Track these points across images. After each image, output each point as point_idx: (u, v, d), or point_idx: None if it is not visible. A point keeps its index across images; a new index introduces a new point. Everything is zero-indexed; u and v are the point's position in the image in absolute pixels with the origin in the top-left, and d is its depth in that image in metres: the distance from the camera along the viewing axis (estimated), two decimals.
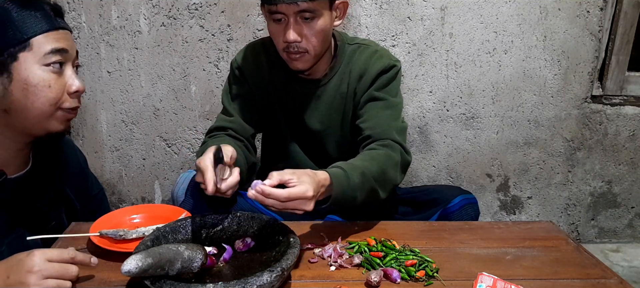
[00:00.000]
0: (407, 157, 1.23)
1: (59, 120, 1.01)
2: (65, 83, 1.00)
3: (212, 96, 1.90)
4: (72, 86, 1.00)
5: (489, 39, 1.87)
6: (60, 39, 0.98)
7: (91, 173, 1.31)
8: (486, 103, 1.95)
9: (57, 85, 0.98)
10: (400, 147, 1.22)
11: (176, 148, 1.97)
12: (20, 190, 1.04)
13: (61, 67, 0.98)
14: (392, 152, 1.18)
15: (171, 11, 1.81)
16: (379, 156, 1.16)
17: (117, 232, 1.01)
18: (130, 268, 0.72)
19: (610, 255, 2.06)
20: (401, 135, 1.24)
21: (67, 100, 1.00)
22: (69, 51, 1.00)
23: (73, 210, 1.18)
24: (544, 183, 2.06)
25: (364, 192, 1.09)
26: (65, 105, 1.00)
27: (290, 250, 0.86)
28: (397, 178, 1.20)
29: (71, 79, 1.00)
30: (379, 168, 1.13)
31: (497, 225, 1.19)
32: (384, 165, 1.15)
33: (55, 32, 0.98)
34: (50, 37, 0.96)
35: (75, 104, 1.02)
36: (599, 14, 1.87)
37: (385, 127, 1.23)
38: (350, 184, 1.04)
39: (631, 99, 1.99)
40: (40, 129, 1.01)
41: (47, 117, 0.99)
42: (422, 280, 0.92)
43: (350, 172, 1.06)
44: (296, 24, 1.16)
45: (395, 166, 1.19)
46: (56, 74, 0.97)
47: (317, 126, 1.35)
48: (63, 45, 0.98)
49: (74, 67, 1.03)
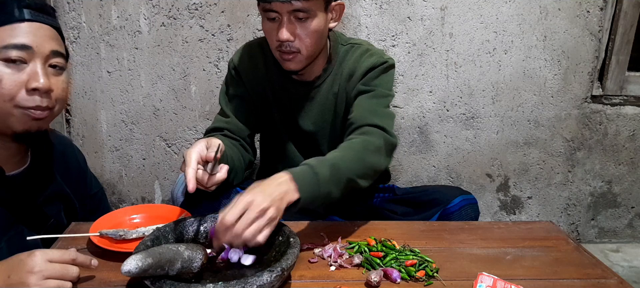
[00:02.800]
0: (392, 139, 1.17)
1: (19, 120, 0.95)
2: (25, 79, 0.93)
3: (212, 96, 1.90)
4: (32, 83, 0.93)
5: (489, 39, 1.87)
6: (24, 33, 0.92)
7: (90, 173, 1.31)
8: (486, 103, 1.95)
9: (10, 81, 0.91)
10: (381, 130, 1.16)
11: (176, 148, 1.97)
12: (18, 187, 1.04)
13: (20, 64, 0.92)
14: (369, 138, 1.13)
15: (171, 11, 1.81)
16: (355, 144, 1.11)
17: (117, 232, 1.01)
18: (130, 268, 0.72)
19: (610, 255, 2.06)
20: (383, 119, 1.18)
21: (24, 98, 0.93)
22: (33, 48, 0.93)
23: (72, 209, 1.17)
24: (544, 183, 2.06)
25: (339, 185, 1.03)
26: (22, 104, 0.94)
27: (290, 250, 0.86)
28: (381, 162, 1.14)
29: (35, 75, 0.93)
30: (355, 157, 1.08)
31: (497, 225, 1.19)
32: (361, 152, 1.10)
33: (17, 25, 0.91)
34: (8, 31, 0.91)
35: (35, 102, 0.94)
36: (599, 14, 1.87)
37: (366, 114, 1.19)
38: (319, 179, 0.98)
39: (631, 99, 1.99)
40: (4, 128, 0.96)
41: (5, 114, 0.94)
42: (422, 280, 0.92)
43: (318, 167, 1.00)
44: (290, 23, 1.16)
45: (376, 151, 1.13)
46: (12, 69, 0.91)
47: (310, 127, 1.35)
48: (24, 41, 0.92)
49: (45, 65, 0.96)
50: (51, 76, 0.97)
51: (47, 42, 0.96)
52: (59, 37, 1.01)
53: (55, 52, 0.97)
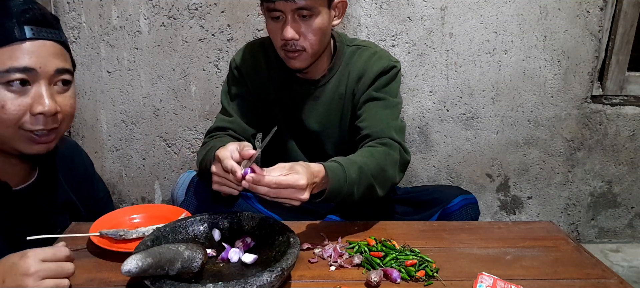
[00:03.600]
0: (406, 156, 1.23)
1: (25, 142, 0.91)
2: (29, 103, 0.88)
3: (212, 96, 1.90)
4: (37, 107, 0.88)
5: (489, 39, 1.87)
6: (26, 53, 0.87)
7: (97, 176, 1.30)
8: (486, 103, 1.95)
9: (14, 105, 0.87)
10: (399, 145, 1.21)
11: (176, 148, 1.97)
12: (25, 201, 1.02)
13: (24, 86, 0.87)
14: (390, 150, 1.18)
15: (171, 11, 1.81)
16: (378, 153, 1.16)
17: (117, 232, 1.01)
18: (130, 268, 0.72)
19: (610, 255, 2.06)
20: (400, 134, 1.24)
21: (29, 122, 0.89)
22: (36, 69, 0.87)
23: (78, 215, 1.17)
24: (544, 183, 2.06)
25: (361, 188, 1.08)
26: (27, 127, 0.89)
27: (290, 250, 0.86)
28: (396, 177, 1.20)
29: (39, 98, 0.88)
30: (377, 166, 1.13)
31: (497, 225, 1.19)
32: (382, 162, 1.14)
33: (18, 46, 0.85)
34: (8, 52, 0.85)
35: (39, 126, 0.90)
36: (599, 14, 1.87)
37: (384, 126, 1.23)
38: (347, 179, 1.04)
39: (631, 99, 1.99)
40: (10, 149, 0.93)
41: (10, 138, 0.90)
42: (422, 280, 0.92)
43: (348, 167, 1.05)
44: (294, 21, 1.16)
45: (394, 164, 1.18)
46: (15, 93, 0.87)
47: (315, 127, 1.35)
48: (27, 63, 0.86)
49: (50, 85, 0.90)
50: (57, 95, 0.92)
51: (51, 61, 0.90)
52: (64, 52, 0.95)
53: (60, 70, 0.92)
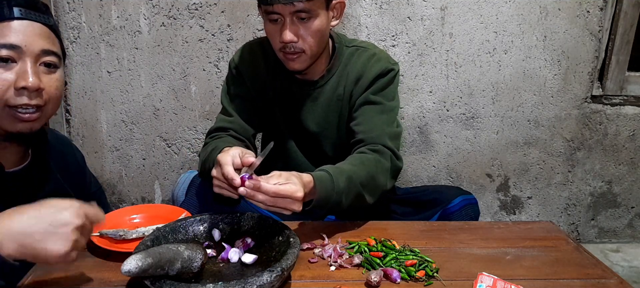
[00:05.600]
0: (398, 163, 1.23)
1: (9, 120, 0.94)
2: (13, 79, 0.91)
3: (212, 96, 1.90)
4: (20, 82, 0.91)
5: (489, 39, 1.87)
6: (13, 32, 0.90)
7: (89, 171, 1.31)
8: (486, 103, 1.95)
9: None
10: (392, 152, 1.22)
11: (176, 148, 1.97)
12: (19, 184, 1.04)
13: (9, 63, 0.91)
14: (382, 158, 1.19)
15: (171, 11, 1.81)
16: (369, 161, 1.16)
17: (117, 232, 1.01)
18: (130, 268, 0.72)
19: (610, 255, 2.06)
20: (394, 141, 1.24)
21: (13, 97, 0.92)
22: (22, 47, 0.91)
23: None
24: (544, 183, 2.06)
25: (349, 197, 1.09)
26: (11, 102, 0.92)
27: (290, 250, 0.86)
28: (387, 184, 1.21)
29: (23, 74, 0.91)
30: (367, 174, 1.13)
31: (497, 225, 1.19)
32: (373, 170, 1.15)
33: (5, 24, 0.90)
34: None
35: (24, 101, 0.92)
36: (599, 14, 1.87)
37: (379, 132, 1.23)
38: (336, 188, 1.05)
39: (631, 99, 1.99)
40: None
41: None
42: (422, 280, 0.92)
43: (337, 176, 1.06)
44: (292, 24, 1.16)
45: (385, 172, 1.19)
46: (1, 68, 0.90)
47: (313, 127, 1.35)
48: (13, 40, 0.90)
49: (36, 64, 0.93)
50: (42, 74, 0.95)
51: (37, 41, 0.93)
52: (51, 35, 0.98)
53: (46, 51, 0.95)
